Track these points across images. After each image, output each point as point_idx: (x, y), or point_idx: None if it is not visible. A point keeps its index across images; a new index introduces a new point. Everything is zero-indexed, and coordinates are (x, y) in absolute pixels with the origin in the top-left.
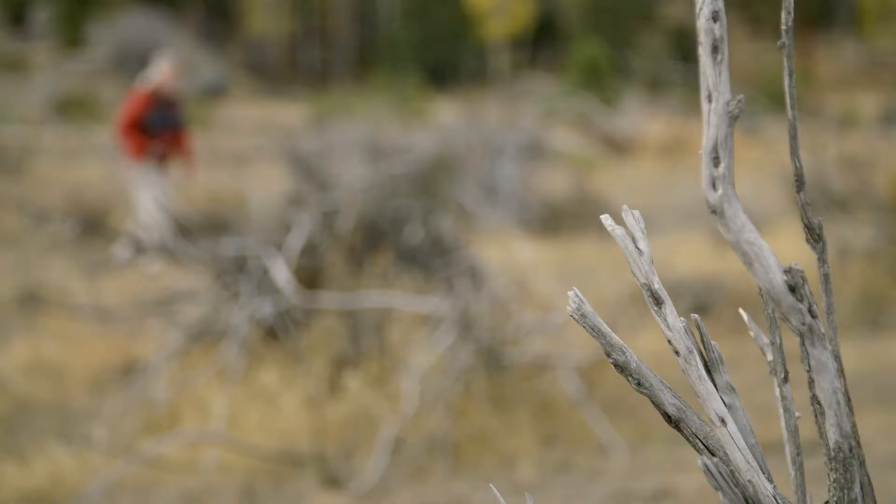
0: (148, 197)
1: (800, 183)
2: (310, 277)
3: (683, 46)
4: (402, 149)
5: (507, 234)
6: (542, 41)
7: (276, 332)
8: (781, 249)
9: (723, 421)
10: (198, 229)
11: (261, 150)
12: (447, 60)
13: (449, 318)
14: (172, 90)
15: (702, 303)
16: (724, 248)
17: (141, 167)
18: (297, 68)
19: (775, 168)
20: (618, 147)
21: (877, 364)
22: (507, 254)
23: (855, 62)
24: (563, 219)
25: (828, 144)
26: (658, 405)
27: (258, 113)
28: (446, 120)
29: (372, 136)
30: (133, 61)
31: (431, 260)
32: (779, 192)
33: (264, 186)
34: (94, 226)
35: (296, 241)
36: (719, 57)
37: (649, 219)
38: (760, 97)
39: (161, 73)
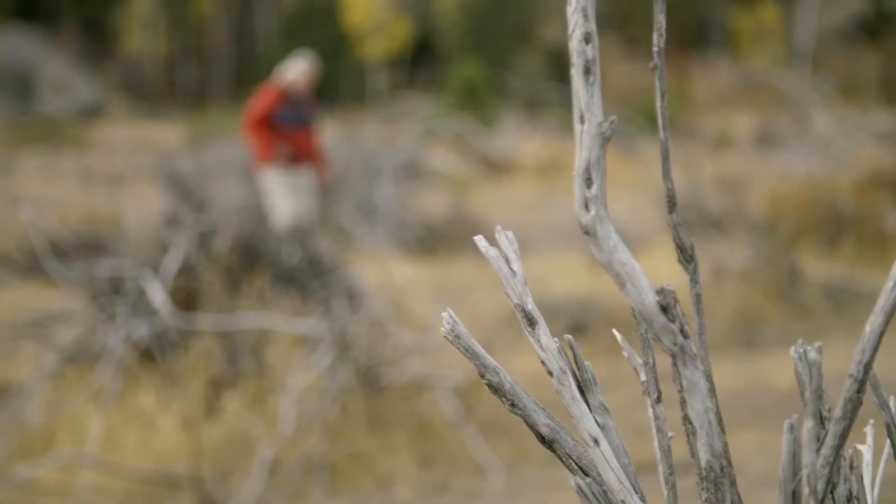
0: (283, 201)
1: (672, 204)
2: (187, 298)
3: (560, 67)
4: None
5: (385, 254)
6: (420, 61)
7: (153, 354)
8: (657, 270)
9: (596, 441)
10: (73, 250)
11: (137, 171)
12: (325, 80)
13: (326, 339)
14: (303, 91)
15: (578, 323)
16: (600, 268)
17: (271, 170)
18: (174, 88)
19: (652, 188)
20: (495, 167)
21: (752, 383)
22: (385, 274)
23: (730, 83)
24: (441, 239)
25: (704, 165)
26: (532, 426)
27: (135, 133)
28: (325, 139)
29: (249, 156)
30: (9, 80)
31: (309, 280)
32: (655, 213)
33: (141, 207)
34: None
35: (172, 261)
36: (591, 78)
37: (526, 239)
38: (637, 117)
39: (296, 71)
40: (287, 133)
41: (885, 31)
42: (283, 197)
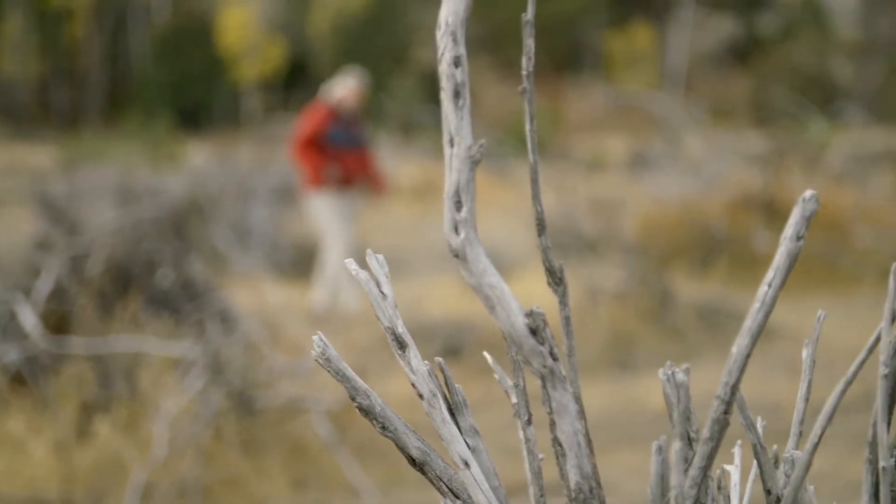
0: (337, 226)
1: (541, 227)
2: (58, 322)
3: (434, 90)
4: (154, 192)
5: (260, 276)
6: (294, 83)
7: (24, 378)
8: (531, 292)
9: (466, 464)
10: None
11: (9, 194)
12: (200, 102)
13: (200, 362)
14: (353, 108)
15: (453, 345)
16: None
17: (321, 194)
18: (46, 110)
19: (525, 210)
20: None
21: (625, 404)
22: (259, 297)
23: (603, 105)
24: (316, 262)
25: (577, 187)
26: (402, 448)
27: (6, 156)
28: (199, 162)
29: (123, 179)
30: None
31: (182, 303)
32: (529, 235)
33: (12, 230)
34: None
35: (44, 285)
36: (461, 102)
37: (402, 261)
38: (510, 139)
39: (345, 88)
40: (337, 154)
41: (756, 54)
42: (336, 222)
